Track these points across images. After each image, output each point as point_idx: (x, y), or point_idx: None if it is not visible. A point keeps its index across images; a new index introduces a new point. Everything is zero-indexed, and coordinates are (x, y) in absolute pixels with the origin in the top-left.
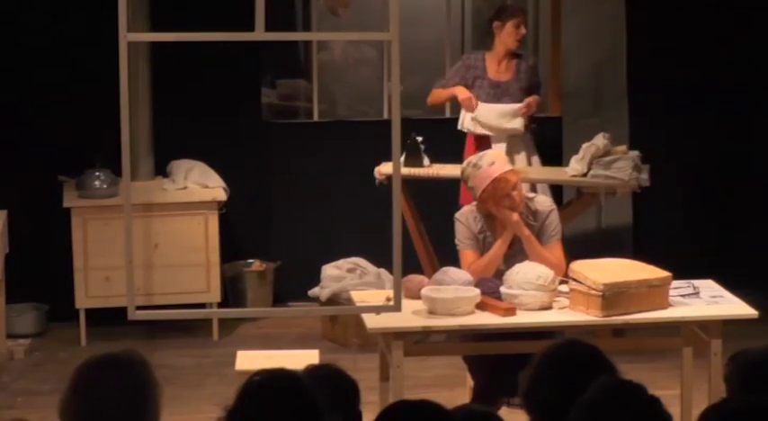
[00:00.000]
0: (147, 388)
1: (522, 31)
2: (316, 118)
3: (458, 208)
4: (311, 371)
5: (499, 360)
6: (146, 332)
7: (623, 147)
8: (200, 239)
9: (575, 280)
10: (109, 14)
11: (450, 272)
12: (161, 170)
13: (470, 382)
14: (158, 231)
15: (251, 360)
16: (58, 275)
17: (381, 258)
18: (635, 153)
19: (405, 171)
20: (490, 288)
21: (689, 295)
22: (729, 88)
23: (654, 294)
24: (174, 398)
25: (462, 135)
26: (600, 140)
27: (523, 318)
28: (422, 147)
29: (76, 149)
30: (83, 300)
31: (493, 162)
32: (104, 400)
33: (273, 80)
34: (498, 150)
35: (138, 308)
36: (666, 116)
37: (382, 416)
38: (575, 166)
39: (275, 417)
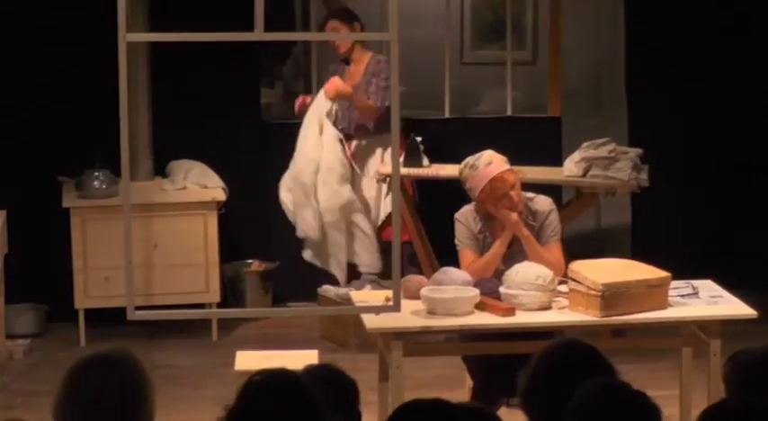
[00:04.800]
0: (139, 386)
1: None
2: None
3: (458, 208)
4: (311, 371)
5: (498, 360)
6: (145, 332)
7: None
8: (199, 239)
9: (574, 280)
10: (108, 14)
11: (450, 272)
12: (160, 170)
13: (470, 382)
14: (158, 231)
15: (251, 360)
16: (58, 275)
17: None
18: (635, 152)
19: (404, 171)
20: (489, 288)
21: (688, 295)
22: (729, 88)
23: (653, 294)
24: (173, 399)
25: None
26: (604, 151)
27: (523, 318)
28: (421, 147)
29: (76, 149)
30: (82, 301)
31: (490, 162)
32: (97, 401)
33: (273, 80)
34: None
35: (138, 308)
36: (666, 116)
37: (396, 416)
38: (570, 168)
39: (275, 417)
